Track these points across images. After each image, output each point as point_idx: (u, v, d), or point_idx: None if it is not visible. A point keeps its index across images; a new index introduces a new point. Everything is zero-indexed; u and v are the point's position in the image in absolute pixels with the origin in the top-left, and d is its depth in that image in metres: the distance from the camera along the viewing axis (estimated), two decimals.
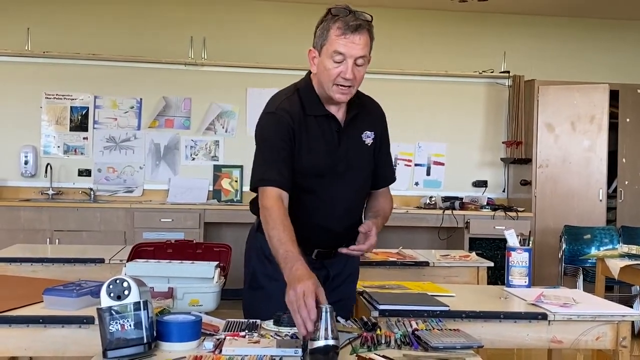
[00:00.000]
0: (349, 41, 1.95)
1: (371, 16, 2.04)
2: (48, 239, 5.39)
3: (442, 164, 6.50)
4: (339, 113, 2.12)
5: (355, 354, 1.78)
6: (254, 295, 2.28)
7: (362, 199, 2.25)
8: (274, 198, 1.94)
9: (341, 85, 2.00)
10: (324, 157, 2.07)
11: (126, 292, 1.72)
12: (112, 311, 1.70)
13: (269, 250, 1.94)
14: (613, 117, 6.27)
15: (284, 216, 1.90)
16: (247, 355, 1.72)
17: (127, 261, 2.42)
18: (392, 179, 2.30)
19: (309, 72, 2.14)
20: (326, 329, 1.65)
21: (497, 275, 5.09)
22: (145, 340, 1.71)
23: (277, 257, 1.83)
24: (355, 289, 2.43)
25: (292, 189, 2.01)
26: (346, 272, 2.29)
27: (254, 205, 2.13)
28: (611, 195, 6.36)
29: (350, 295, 2.35)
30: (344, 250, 2.08)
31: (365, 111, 2.17)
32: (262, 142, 2.07)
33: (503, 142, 6.48)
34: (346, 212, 2.15)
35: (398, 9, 6.39)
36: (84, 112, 6.11)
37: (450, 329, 2.03)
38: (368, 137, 2.16)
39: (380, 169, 2.24)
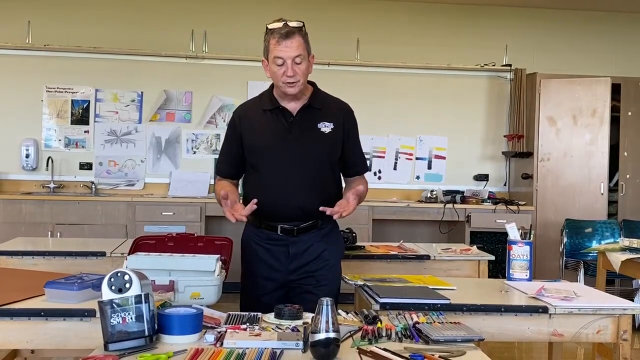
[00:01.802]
0: (283, 47, 2.40)
1: (302, 22, 2.45)
2: (49, 232, 5.40)
3: (444, 158, 6.49)
4: (296, 106, 2.53)
5: (356, 347, 1.78)
6: (244, 283, 2.60)
7: (324, 181, 2.54)
8: (220, 181, 2.66)
9: (287, 82, 2.44)
10: (270, 139, 2.51)
11: (127, 285, 1.73)
12: (114, 304, 1.71)
13: (254, 235, 2.57)
14: (615, 110, 6.26)
15: (223, 183, 2.60)
16: (248, 348, 1.73)
17: (129, 254, 2.42)
18: (363, 170, 2.70)
19: None
20: (327, 322, 1.66)
21: (498, 269, 5.09)
22: (146, 333, 1.71)
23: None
24: (336, 268, 2.59)
25: (250, 172, 2.56)
26: (314, 252, 2.52)
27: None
28: (612, 189, 6.36)
29: (323, 273, 2.52)
30: (321, 208, 2.39)
31: (326, 107, 2.57)
32: (224, 139, 2.69)
33: (504, 136, 6.47)
34: (303, 190, 2.46)
35: (399, 2, 6.38)
36: (85, 106, 6.10)
37: (451, 322, 2.03)
38: (326, 127, 2.53)
39: (350, 159, 2.62)
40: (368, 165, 2.73)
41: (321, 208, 2.39)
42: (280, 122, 2.52)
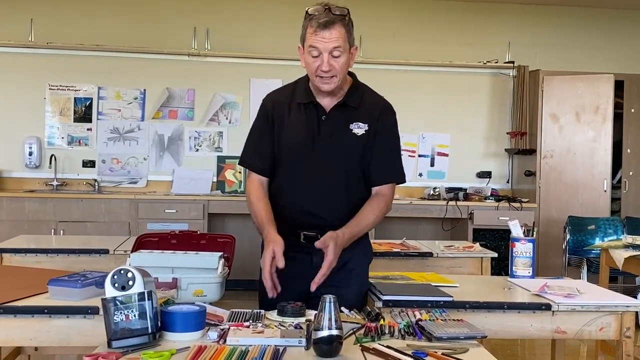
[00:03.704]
0: (320, 37, 2.15)
1: (347, 9, 2.21)
2: (52, 230, 5.41)
3: (446, 155, 6.49)
4: (330, 103, 2.29)
5: (358, 344, 1.78)
6: (262, 289, 2.31)
7: (352, 187, 2.28)
8: (256, 183, 2.34)
9: (322, 77, 2.19)
10: (301, 138, 2.27)
11: (130, 283, 1.73)
12: (117, 301, 1.71)
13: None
14: (618, 107, 6.25)
15: (261, 195, 2.30)
16: (251, 345, 1.73)
17: (132, 252, 2.42)
18: (388, 178, 2.34)
19: None
20: (330, 319, 1.66)
21: (501, 266, 5.09)
22: (149, 331, 1.71)
23: (257, 225, 2.25)
24: (362, 277, 2.41)
25: (275, 169, 2.31)
26: (339, 261, 2.21)
27: None
28: (615, 186, 6.35)
29: (348, 283, 2.31)
30: (314, 286, 2.11)
31: (363, 105, 2.31)
32: (251, 127, 2.41)
33: (507, 133, 6.47)
34: (327, 196, 2.26)
35: None
36: (87, 103, 6.11)
37: (454, 320, 2.03)
38: (359, 128, 2.28)
39: (374, 165, 2.30)
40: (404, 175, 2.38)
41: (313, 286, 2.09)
42: (311, 119, 2.27)
